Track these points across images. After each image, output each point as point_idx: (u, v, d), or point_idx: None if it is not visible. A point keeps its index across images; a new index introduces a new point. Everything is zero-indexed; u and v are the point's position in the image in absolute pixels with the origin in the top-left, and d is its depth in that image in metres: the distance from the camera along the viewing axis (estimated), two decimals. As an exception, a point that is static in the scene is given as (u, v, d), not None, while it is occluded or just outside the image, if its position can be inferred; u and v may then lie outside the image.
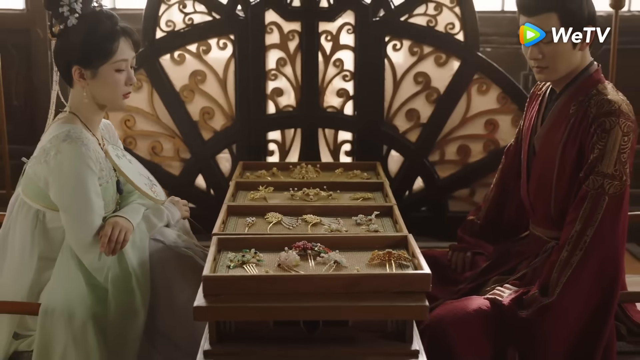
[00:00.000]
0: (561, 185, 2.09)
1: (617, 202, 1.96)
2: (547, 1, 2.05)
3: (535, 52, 2.07)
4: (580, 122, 2.04)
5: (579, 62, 2.09)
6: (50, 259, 2.02)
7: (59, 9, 1.93)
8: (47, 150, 1.95)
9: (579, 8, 2.04)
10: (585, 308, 1.95)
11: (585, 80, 2.10)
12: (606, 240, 1.96)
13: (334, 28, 3.02)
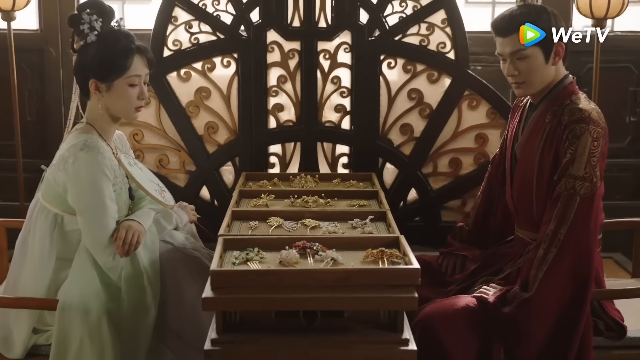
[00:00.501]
0: (541, 189, 2.25)
1: (588, 202, 2.12)
2: (516, 23, 2.23)
3: (512, 68, 2.25)
4: (555, 130, 2.21)
5: (554, 75, 2.27)
6: (67, 260, 2.17)
7: (80, 26, 2.10)
8: (65, 158, 2.11)
9: (546, 27, 2.22)
10: (562, 300, 2.10)
11: (560, 92, 2.27)
12: (579, 237, 2.12)
13: (332, 47, 3.13)
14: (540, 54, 2.23)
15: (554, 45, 2.23)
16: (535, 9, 2.28)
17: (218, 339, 1.80)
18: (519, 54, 2.24)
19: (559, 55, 2.25)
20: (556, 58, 2.25)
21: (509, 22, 2.26)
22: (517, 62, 2.26)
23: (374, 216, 2.32)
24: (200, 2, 3.08)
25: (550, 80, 2.27)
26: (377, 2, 3.07)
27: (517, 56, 2.25)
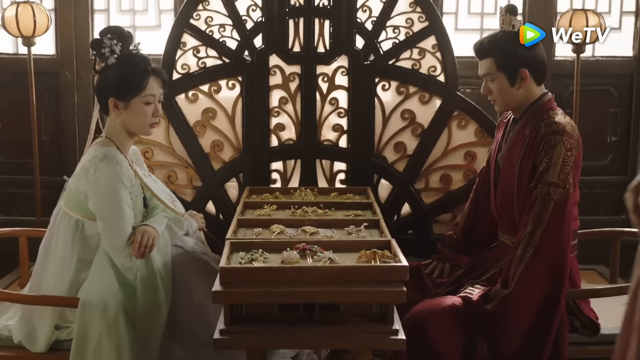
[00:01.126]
0: (521, 196, 2.45)
1: (561, 206, 2.32)
2: (486, 50, 2.48)
3: (485, 87, 2.50)
4: (533, 141, 2.42)
5: (524, 97, 2.48)
6: (87, 262, 2.36)
7: (102, 49, 2.31)
8: (87, 168, 2.32)
9: (512, 55, 2.44)
10: (539, 296, 2.29)
11: (539, 108, 2.49)
12: (553, 238, 2.31)
13: (330, 70, 3.30)
14: (504, 79, 2.46)
15: (519, 71, 2.45)
16: (506, 37, 2.49)
17: (226, 330, 1.99)
18: (489, 77, 2.49)
19: (525, 80, 2.46)
20: (522, 82, 2.46)
21: (481, 48, 2.51)
22: (489, 83, 2.50)
23: (368, 224, 2.52)
24: (208, 29, 3.25)
25: (521, 100, 2.48)
26: (372, 29, 3.24)
27: (488, 78, 2.50)
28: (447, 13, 4.28)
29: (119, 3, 4.27)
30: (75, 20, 4.18)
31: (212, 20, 3.25)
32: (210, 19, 3.25)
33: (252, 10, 3.24)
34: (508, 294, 2.27)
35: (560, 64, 4.08)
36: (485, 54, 2.49)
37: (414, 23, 3.26)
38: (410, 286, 2.45)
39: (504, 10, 2.56)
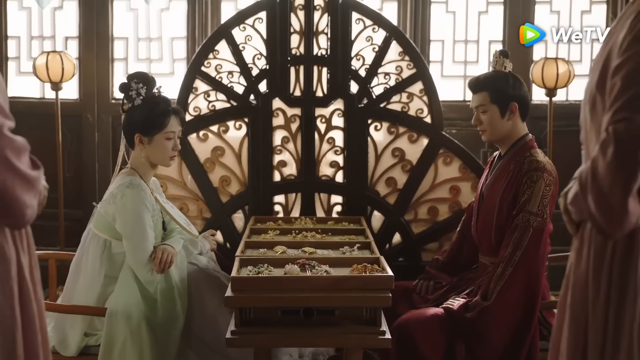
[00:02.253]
0: (499, 221, 2.78)
1: (539, 233, 2.66)
2: (481, 84, 2.84)
3: (477, 118, 2.83)
4: (516, 175, 2.76)
5: (511, 129, 2.83)
6: (113, 277, 2.68)
7: (129, 92, 2.67)
8: (114, 194, 2.65)
9: (505, 90, 2.80)
10: (515, 309, 2.61)
11: (522, 146, 2.83)
12: (530, 260, 2.64)
13: (327, 112, 3.53)
14: (496, 110, 2.81)
15: (509, 104, 2.81)
16: (499, 75, 2.87)
17: (236, 331, 2.30)
18: (481, 108, 2.84)
19: (513, 113, 2.82)
20: (511, 115, 2.82)
21: (477, 83, 2.88)
22: (481, 114, 2.84)
23: (360, 244, 2.84)
24: (217, 75, 3.52)
25: (507, 132, 2.83)
26: (365, 75, 3.52)
27: (480, 110, 2.84)
28: (434, 61, 4.60)
29: (136, 52, 4.63)
30: (97, 68, 4.54)
31: (222, 68, 3.52)
32: (219, 67, 3.52)
33: (257, 58, 3.52)
34: (488, 306, 2.59)
35: (536, 107, 4.41)
36: (480, 88, 2.85)
37: (403, 70, 3.52)
38: (401, 303, 2.80)
39: (498, 54, 2.93)
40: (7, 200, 1.45)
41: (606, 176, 1.45)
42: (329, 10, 3.50)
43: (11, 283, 1.54)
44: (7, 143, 1.45)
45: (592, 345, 1.54)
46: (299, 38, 3.52)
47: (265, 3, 3.54)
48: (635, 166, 1.43)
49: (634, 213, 1.46)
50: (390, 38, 3.53)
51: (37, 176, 1.53)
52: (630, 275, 1.52)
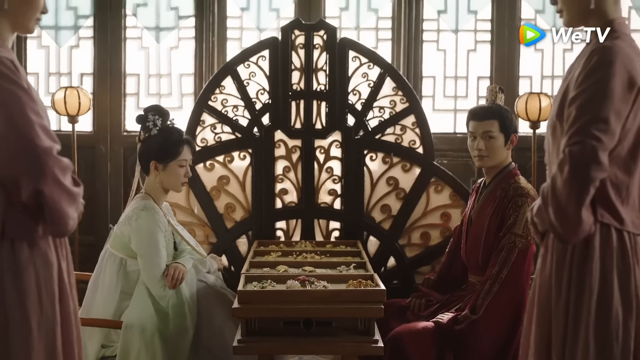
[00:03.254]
0: (487, 243, 3.00)
1: (523, 253, 2.89)
2: (491, 113, 3.07)
3: (481, 144, 3.04)
4: (503, 200, 2.99)
5: (505, 157, 3.08)
6: (128, 293, 2.90)
7: (146, 123, 2.93)
8: (130, 216, 2.89)
9: (510, 121, 3.07)
10: (501, 323, 2.84)
11: (507, 174, 3.08)
12: (515, 278, 2.87)
13: (326, 144, 3.73)
14: (502, 139, 3.06)
15: (511, 135, 3.07)
16: (504, 108, 3.13)
17: (242, 340, 2.51)
18: (489, 134, 3.06)
19: (513, 143, 3.09)
20: (510, 145, 3.08)
21: (486, 111, 3.10)
22: (486, 140, 3.07)
23: (356, 264, 3.07)
24: (223, 109, 3.73)
25: (501, 160, 3.08)
26: (361, 109, 3.74)
27: (487, 135, 3.06)
28: (426, 96, 4.81)
29: (147, 87, 4.86)
30: (110, 102, 4.78)
31: (227, 102, 3.74)
32: (225, 101, 3.74)
33: (260, 93, 3.74)
34: (477, 319, 2.82)
35: (521, 139, 4.66)
36: (490, 117, 3.06)
37: (396, 104, 3.74)
38: (395, 320, 3.02)
39: (496, 88, 3.18)
40: (53, 211, 1.69)
41: (563, 190, 1.69)
42: (328, 49, 3.74)
43: (53, 285, 1.78)
44: (56, 163, 1.70)
45: (555, 338, 1.78)
46: (299, 74, 3.75)
47: (268, 42, 3.79)
48: (587, 182, 1.68)
49: (587, 222, 1.71)
50: (385, 74, 3.75)
51: (78, 192, 1.77)
52: (586, 277, 1.76)
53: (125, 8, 4.79)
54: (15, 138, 1.68)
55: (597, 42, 1.81)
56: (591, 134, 1.70)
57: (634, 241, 1.82)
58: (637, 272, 1.80)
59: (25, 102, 1.70)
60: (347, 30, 4.75)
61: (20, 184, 1.69)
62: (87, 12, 4.76)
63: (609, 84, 1.71)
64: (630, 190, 1.81)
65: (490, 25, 4.80)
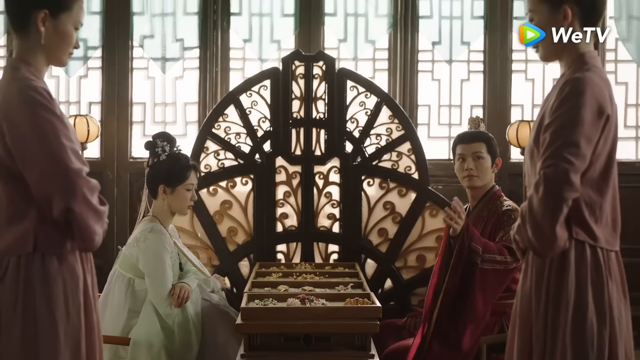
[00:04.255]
0: None
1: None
2: (479, 136, 3.26)
3: (471, 164, 3.20)
4: (491, 219, 3.14)
5: (490, 179, 3.24)
6: (136, 312, 3.03)
7: (155, 149, 3.08)
8: (138, 238, 3.04)
9: (495, 146, 3.25)
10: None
11: (492, 196, 3.24)
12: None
13: (325, 170, 3.82)
14: (489, 159, 3.24)
15: (496, 159, 3.24)
16: (489, 134, 3.33)
17: (245, 354, 2.64)
18: (479, 154, 3.23)
19: (497, 166, 3.26)
20: (495, 168, 3.25)
21: (474, 135, 3.30)
22: (475, 160, 3.23)
23: (353, 284, 3.20)
24: (226, 136, 3.84)
25: (488, 182, 3.24)
26: (358, 136, 3.85)
27: (477, 156, 3.23)
28: (421, 124, 5.00)
29: (153, 116, 5.05)
30: (117, 130, 4.97)
31: (230, 129, 3.85)
32: (228, 128, 3.85)
33: (262, 121, 3.86)
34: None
35: (514, 165, 4.84)
36: (478, 139, 3.26)
37: (392, 131, 3.85)
38: (391, 339, 3.14)
39: (477, 119, 3.37)
40: (82, 227, 1.84)
41: (539, 209, 1.85)
42: (327, 79, 3.88)
43: (79, 296, 1.93)
44: (85, 183, 1.86)
45: (535, 348, 1.92)
46: (299, 103, 3.89)
47: (269, 72, 3.94)
48: (560, 201, 1.83)
49: (561, 238, 1.86)
50: (382, 103, 3.88)
51: (104, 210, 1.93)
52: (562, 289, 1.91)
53: (132, 40, 4.98)
54: (49, 160, 1.83)
55: (570, 73, 1.98)
56: (563, 157, 1.84)
57: (607, 257, 1.97)
58: (609, 285, 1.94)
59: (59, 129, 1.86)
60: (345, 60, 4.94)
61: (52, 202, 1.83)
62: (95, 43, 4.96)
63: (580, 111, 1.87)
64: (603, 209, 1.97)
65: (482, 56, 4.98)
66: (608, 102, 1.94)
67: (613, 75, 5.09)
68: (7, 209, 1.89)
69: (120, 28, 4.96)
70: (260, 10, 5.01)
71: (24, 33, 1.96)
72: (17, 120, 1.84)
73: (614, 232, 2.02)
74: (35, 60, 1.96)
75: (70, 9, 1.97)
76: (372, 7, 4.99)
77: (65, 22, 1.96)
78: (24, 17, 1.94)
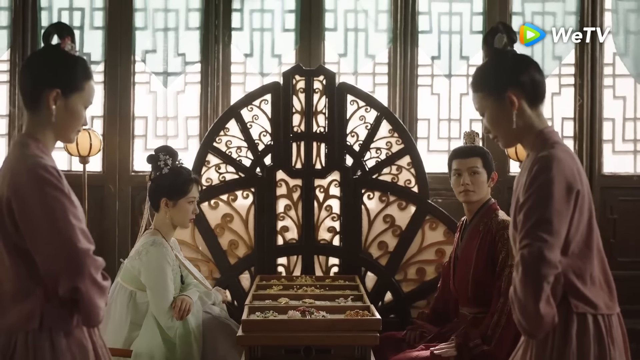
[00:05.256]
0: (476, 276, 3.16)
1: None
2: (475, 151, 3.29)
3: (467, 179, 3.23)
4: (487, 234, 3.16)
5: (486, 193, 3.26)
6: (137, 324, 3.05)
7: (157, 162, 3.12)
8: (140, 251, 3.06)
9: (490, 161, 3.28)
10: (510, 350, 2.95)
11: (487, 210, 3.26)
12: None
13: (325, 183, 3.89)
14: (485, 174, 3.26)
15: (492, 173, 3.28)
16: (484, 149, 3.37)
17: (246, 367, 2.67)
18: (475, 169, 3.26)
19: (493, 180, 3.29)
20: (491, 182, 3.28)
21: (470, 150, 3.33)
22: (471, 175, 3.26)
23: (353, 297, 3.22)
24: (227, 150, 3.91)
25: (484, 196, 3.27)
26: (358, 150, 3.92)
27: (472, 171, 3.26)
28: (421, 137, 5.02)
29: (155, 130, 5.07)
30: (119, 144, 4.99)
31: (231, 143, 3.91)
32: (229, 142, 3.91)
33: (263, 135, 3.93)
34: (489, 350, 2.95)
35: (513, 179, 4.83)
36: (474, 154, 3.29)
37: (392, 145, 3.92)
38: (391, 351, 3.16)
39: (472, 133, 3.40)
40: (87, 305, 1.87)
41: (521, 290, 1.88)
42: (327, 93, 3.94)
43: None
44: (92, 263, 1.88)
45: None
46: (300, 117, 3.94)
47: (270, 87, 4.00)
48: (540, 279, 1.86)
49: (547, 315, 1.88)
50: (381, 117, 3.95)
51: (107, 286, 1.97)
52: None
53: (134, 54, 5.03)
54: (58, 240, 1.85)
55: (536, 153, 2.01)
56: (537, 235, 1.87)
57: (608, 322, 1.98)
58: (611, 352, 1.95)
59: (68, 208, 1.87)
60: (345, 75, 4.98)
61: (59, 281, 1.86)
62: (98, 58, 5.01)
63: (550, 189, 1.90)
64: (594, 276, 1.99)
65: (481, 71, 5.01)
66: (577, 178, 1.96)
67: (611, 90, 5.12)
68: (14, 285, 1.91)
69: (123, 43, 5.01)
70: (261, 25, 5.06)
71: (35, 110, 1.98)
72: (26, 198, 1.87)
73: (611, 295, 2.03)
74: (44, 137, 1.98)
75: (82, 90, 2.01)
76: (372, 22, 5.04)
77: (76, 101, 1.99)
78: (36, 95, 1.97)
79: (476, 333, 3.03)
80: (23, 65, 2.06)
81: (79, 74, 2.00)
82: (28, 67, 2.02)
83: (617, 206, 4.91)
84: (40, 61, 2.02)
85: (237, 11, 5.07)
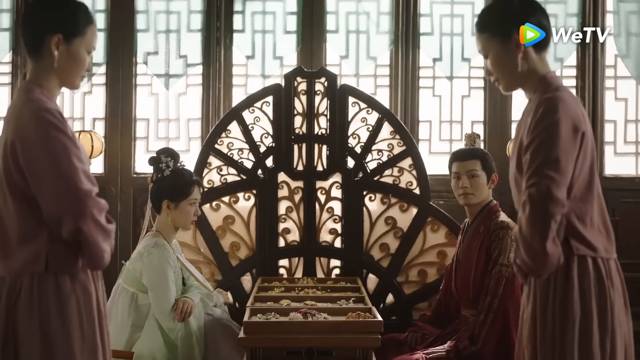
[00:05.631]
0: (476, 278, 3.17)
1: (511, 281, 3.04)
2: (473, 153, 3.29)
3: (466, 182, 3.23)
4: (486, 235, 3.17)
5: (487, 195, 3.27)
6: (139, 326, 3.05)
7: (159, 165, 3.12)
8: (141, 253, 3.07)
9: (490, 163, 3.29)
10: (498, 349, 2.98)
11: (488, 212, 3.26)
12: (506, 305, 3.02)
13: (327, 185, 3.88)
14: (484, 176, 3.27)
15: (492, 175, 3.27)
16: (484, 151, 3.38)
17: (247, 369, 2.68)
18: (473, 172, 3.26)
19: (494, 183, 3.29)
20: (491, 184, 3.28)
21: (468, 152, 3.33)
22: (470, 178, 3.27)
23: (355, 299, 3.23)
24: (229, 152, 3.90)
25: (484, 198, 3.27)
26: (360, 152, 3.91)
27: (471, 174, 3.26)
28: (422, 139, 5.03)
29: (156, 132, 5.09)
30: (121, 145, 5.00)
31: (233, 145, 3.91)
32: (231, 144, 3.91)
33: (264, 137, 3.93)
34: (476, 350, 2.96)
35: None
36: (472, 157, 3.29)
37: (394, 147, 3.91)
38: (393, 353, 3.17)
39: (473, 135, 3.40)
40: (91, 247, 1.88)
41: (527, 228, 1.89)
42: (328, 95, 3.94)
43: (93, 313, 1.97)
44: (95, 204, 1.89)
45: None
46: (301, 119, 3.94)
47: (271, 88, 4.00)
48: (547, 217, 1.87)
49: (554, 254, 1.89)
50: (383, 119, 3.95)
51: (112, 229, 1.97)
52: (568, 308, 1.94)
53: (136, 56, 5.04)
54: (60, 181, 1.86)
55: (540, 95, 2.01)
56: (544, 174, 1.88)
57: (607, 266, 2.00)
58: (611, 294, 1.98)
59: (71, 150, 1.89)
60: (347, 77, 4.98)
61: (62, 222, 1.86)
62: (100, 60, 5.01)
63: (556, 129, 1.91)
64: (593, 219, 2.00)
65: (483, 72, 5.01)
66: (582, 119, 1.98)
67: (612, 92, 5.13)
68: (19, 229, 1.92)
69: (125, 45, 5.01)
70: (263, 27, 5.07)
71: (37, 56, 1.99)
72: (30, 140, 1.88)
73: (609, 239, 2.05)
74: (48, 83, 1.99)
75: (83, 34, 2.01)
76: (373, 25, 5.05)
77: (78, 46, 2.00)
78: (38, 41, 1.98)
79: (465, 335, 3.04)
80: (25, 13, 2.07)
81: (80, 19, 2.01)
82: (30, 14, 2.03)
83: (619, 208, 4.92)
84: (41, 7, 2.02)
85: (238, 13, 5.08)
